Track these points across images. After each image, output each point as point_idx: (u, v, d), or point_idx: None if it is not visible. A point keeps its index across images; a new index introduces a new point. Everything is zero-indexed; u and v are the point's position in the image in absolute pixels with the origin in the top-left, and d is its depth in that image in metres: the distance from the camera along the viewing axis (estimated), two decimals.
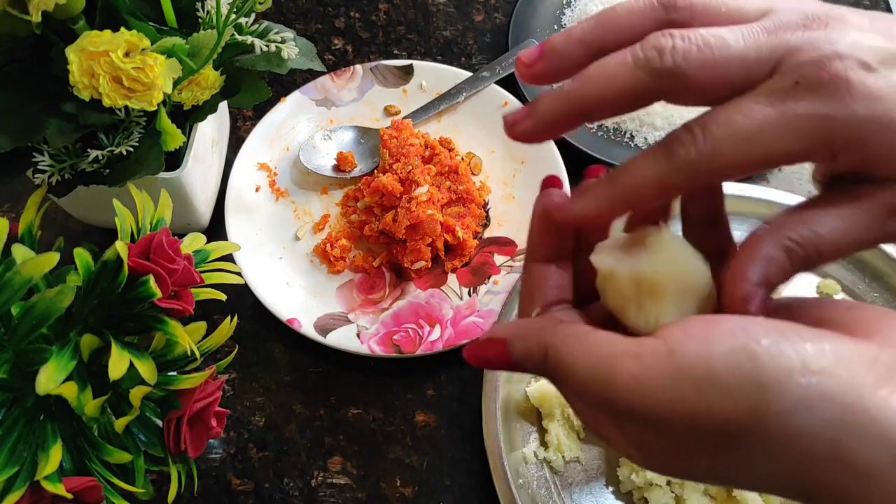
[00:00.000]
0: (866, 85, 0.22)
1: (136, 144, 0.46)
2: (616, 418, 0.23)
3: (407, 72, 0.68)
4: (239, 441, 0.53)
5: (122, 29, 0.41)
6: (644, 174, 0.24)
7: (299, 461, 0.52)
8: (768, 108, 0.22)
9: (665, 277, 0.24)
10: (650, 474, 0.48)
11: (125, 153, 0.45)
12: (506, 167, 0.64)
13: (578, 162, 0.62)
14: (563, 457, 0.50)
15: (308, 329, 0.54)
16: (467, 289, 0.58)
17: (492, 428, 0.50)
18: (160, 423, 0.38)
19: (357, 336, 0.55)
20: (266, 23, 0.49)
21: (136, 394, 0.34)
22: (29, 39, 0.43)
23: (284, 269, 0.59)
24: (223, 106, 0.63)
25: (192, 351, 0.37)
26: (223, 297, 0.40)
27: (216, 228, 0.60)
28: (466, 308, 0.57)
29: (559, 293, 0.28)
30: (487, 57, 0.73)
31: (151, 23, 0.45)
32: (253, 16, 0.48)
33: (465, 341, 0.54)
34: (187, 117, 0.49)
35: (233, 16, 0.45)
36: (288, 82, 0.69)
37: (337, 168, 0.64)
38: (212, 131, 0.57)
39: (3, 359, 0.33)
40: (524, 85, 0.67)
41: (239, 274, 0.41)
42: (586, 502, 0.49)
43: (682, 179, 0.23)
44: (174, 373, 0.38)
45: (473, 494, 0.51)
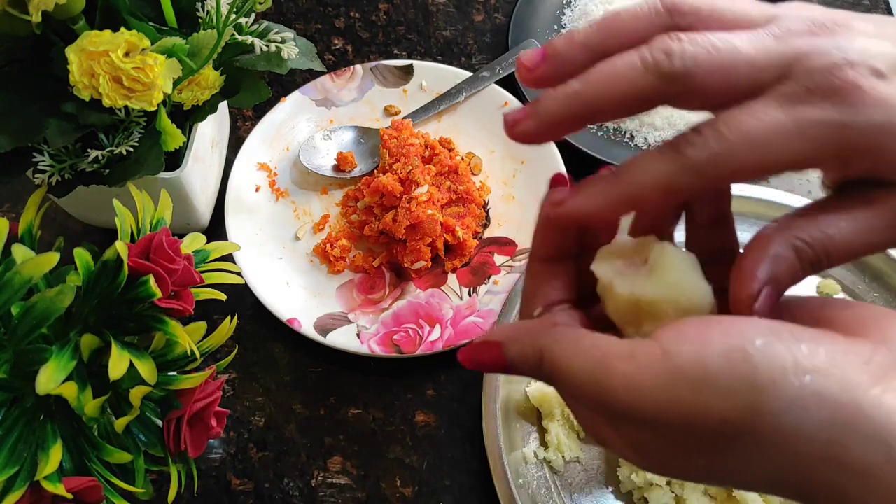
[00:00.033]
0: (879, 92, 0.21)
1: (136, 144, 0.46)
2: (612, 420, 0.23)
3: (407, 72, 0.68)
4: (239, 441, 0.53)
5: (122, 29, 0.41)
6: (650, 173, 0.23)
7: (299, 461, 0.52)
8: (780, 114, 0.22)
9: (665, 302, 0.24)
10: (650, 474, 0.48)
11: (125, 153, 0.45)
12: (506, 167, 0.64)
13: (578, 162, 0.62)
14: (563, 457, 0.50)
15: (308, 329, 0.54)
16: (467, 289, 0.58)
17: (492, 428, 0.50)
18: (160, 423, 0.38)
19: (357, 336, 0.55)
20: (266, 23, 0.49)
21: (136, 394, 0.34)
22: (29, 39, 0.43)
23: (284, 269, 0.59)
24: (223, 106, 0.63)
25: (192, 351, 0.37)
26: (223, 297, 0.40)
27: (216, 228, 0.60)
28: (466, 308, 0.57)
29: (561, 293, 0.28)
30: (487, 57, 0.73)
31: (151, 23, 0.45)
32: (253, 16, 0.48)
33: (465, 341, 0.54)
34: (187, 117, 0.49)
35: (233, 16, 0.45)
36: (288, 82, 0.69)
37: (337, 168, 0.64)
38: (212, 131, 0.57)
39: (3, 359, 0.33)
40: (524, 86, 0.67)
41: (239, 274, 0.41)
42: (586, 502, 0.49)
43: (689, 181, 0.23)
44: (174, 373, 0.39)
45: (473, 494, 0.51)
